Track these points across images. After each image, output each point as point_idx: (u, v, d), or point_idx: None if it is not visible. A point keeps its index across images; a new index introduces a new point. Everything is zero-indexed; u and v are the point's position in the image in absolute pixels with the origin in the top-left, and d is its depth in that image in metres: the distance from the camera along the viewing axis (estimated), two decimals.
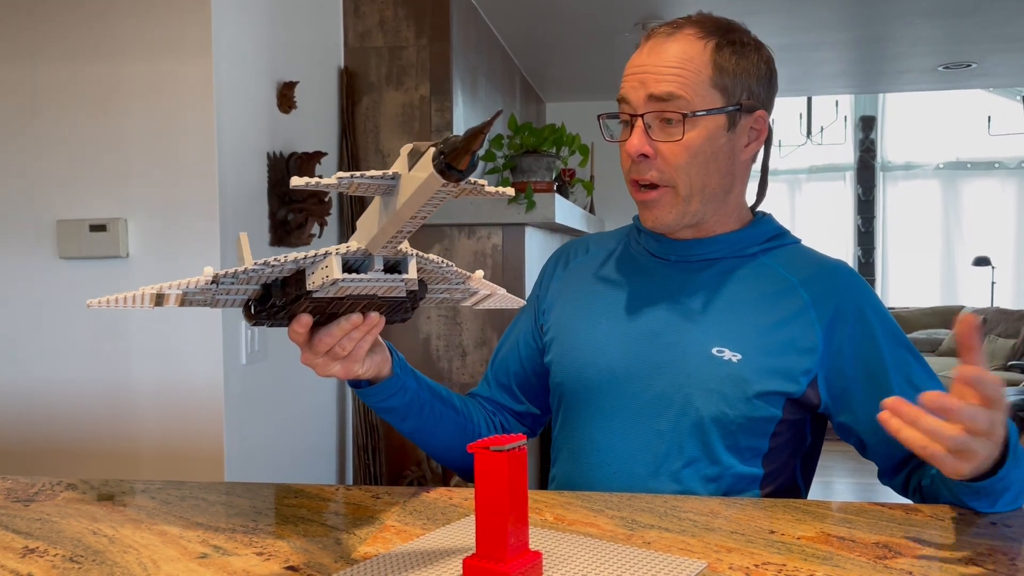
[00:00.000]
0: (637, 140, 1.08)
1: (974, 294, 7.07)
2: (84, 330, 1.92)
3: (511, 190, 0.79)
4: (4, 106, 1.94)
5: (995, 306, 6.57)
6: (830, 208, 7.45)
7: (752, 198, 1.21)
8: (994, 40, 4.22)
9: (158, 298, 0.76)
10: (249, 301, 0.83)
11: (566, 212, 2.99)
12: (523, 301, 1.04)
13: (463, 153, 0.68)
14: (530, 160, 2.76)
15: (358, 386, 1.05)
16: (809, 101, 6.69)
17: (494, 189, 0.77)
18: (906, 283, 7.36)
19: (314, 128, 2.50)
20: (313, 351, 0.91)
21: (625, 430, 1.12)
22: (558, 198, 2.76)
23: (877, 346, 1.08)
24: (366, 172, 0.73)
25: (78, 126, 1.91)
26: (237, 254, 0.85)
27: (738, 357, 1.07)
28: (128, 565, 0.83)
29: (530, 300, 1.29)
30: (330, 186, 0.71)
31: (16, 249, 1.94)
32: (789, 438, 1.11)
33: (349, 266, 0.81)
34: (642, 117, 1.08)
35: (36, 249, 1.93)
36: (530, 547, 0.77)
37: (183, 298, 0.78)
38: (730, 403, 1.07)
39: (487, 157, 2.80)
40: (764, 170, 1.22)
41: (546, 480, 1.27)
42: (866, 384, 1.07)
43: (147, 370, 1.91)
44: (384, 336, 1.06)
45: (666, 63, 1.07)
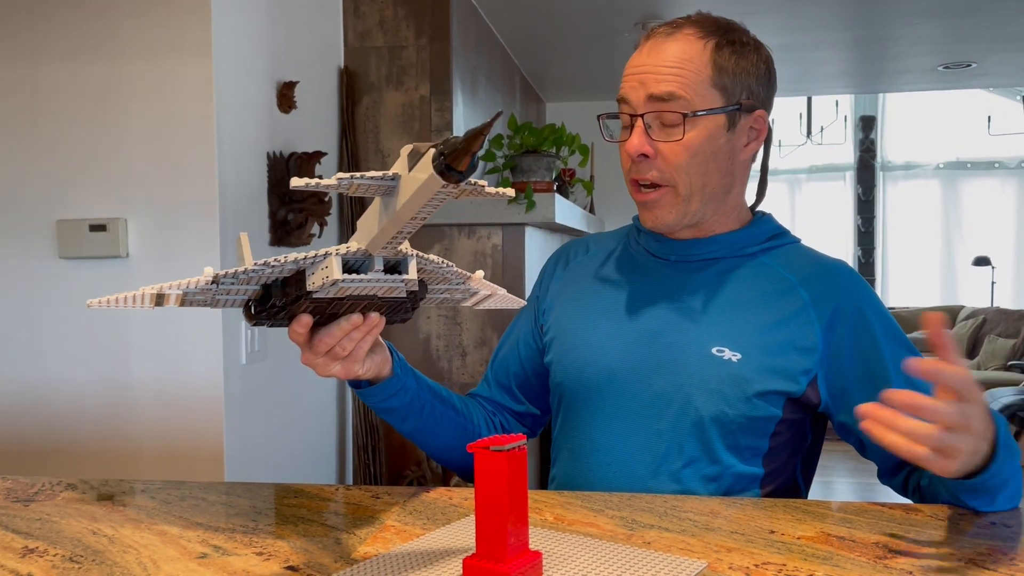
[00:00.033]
0: (637, 140, 1.08)
1: (974, 294, 7.07)
2: (84, 330, 1.92)
3: (511, 191, 0.79)
4: (4, 106, 1.94)
5: (995, 306, 6.57)
6: (830, 208, 7.45)
7: (752, 198, 1.21)
8: (994, 40, 4.22)
9: (158, 298, 0.76)
10: (249, 301, 0.83)
11: (566, 212, 2.99)
12: (523, 301, 1.04)
13: (463, 154, 0.68)
14: (530, 160, 2.76)
15: (358, 386, 1.06)
16: (809, 101, 6.69)
17: (494, 190, 0.77)
18: (906, 283, 7.36)
19: (314, 128, 2.50)
20: (313, 351, 0.91)
21: (625, 430, 1.12)
22: (558, 198, 2.76)
23: (877, 345, 1.08)
24: (366, 173, 0.73)
25: (78, 126, 1.91)
26: (237, 254, 0.85)
27: (738, 357, 1.07)
28: (128, 565, 0.83)
29: (530, 300, 1.29)
30: (330, 187, 0.72)
31: (16, 249, 1.94)
32: (789, 438, 1.12)
33: (349, 266, 0.81)
34: (642, 117, 1.08)
35: (36, 249, 1.93)
36: (530, 547, 0.77)
37: (183, 298, 0.78)
38: (730, 403, 1.07)
39: (487, 157, 2.80)
40: (764, 170, 1.22)
41: (546, 480, 1.27)
42: (866, 383, 1.07)
43: (147, 370, 1.91)
44: (384, 336, 1.07)
45: (666, 63, 1.07)
